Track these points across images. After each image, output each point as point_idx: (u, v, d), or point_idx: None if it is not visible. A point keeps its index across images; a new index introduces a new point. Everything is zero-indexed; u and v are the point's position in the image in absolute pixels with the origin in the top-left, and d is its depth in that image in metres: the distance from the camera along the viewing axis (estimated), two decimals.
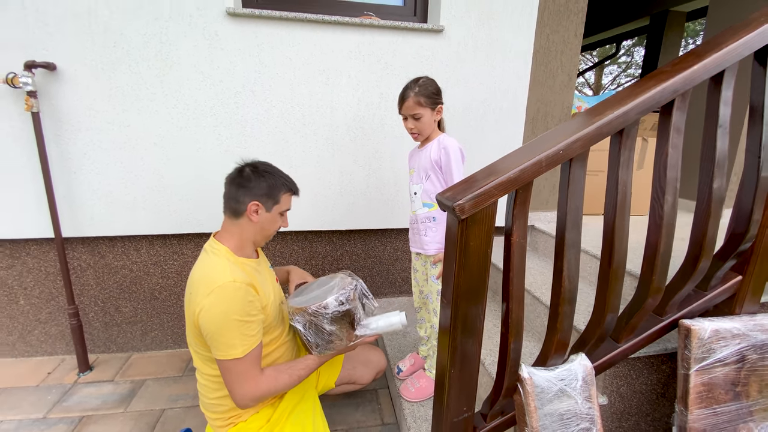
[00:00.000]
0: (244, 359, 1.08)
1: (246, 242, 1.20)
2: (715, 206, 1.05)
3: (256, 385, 1.11)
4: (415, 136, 1.43)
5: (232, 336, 1.06)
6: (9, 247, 1.83)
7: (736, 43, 0.96)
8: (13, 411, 1.63)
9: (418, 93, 1.34)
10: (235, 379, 1.09)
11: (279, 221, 1.24)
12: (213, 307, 1.05)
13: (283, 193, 1.21)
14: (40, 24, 1.59)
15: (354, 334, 1.27)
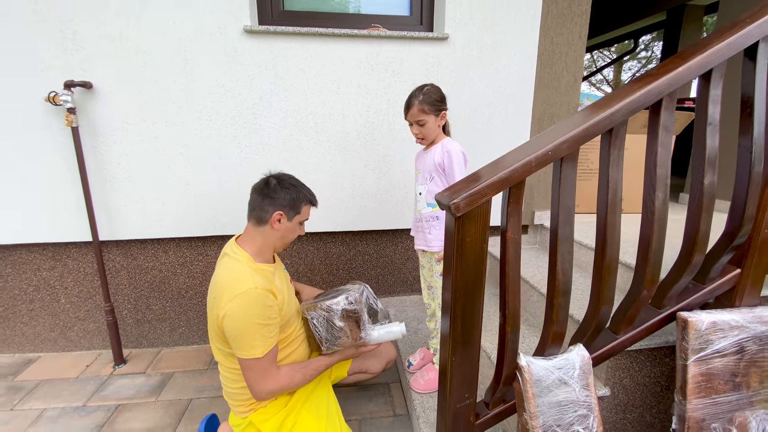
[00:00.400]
0: (263, 358, 1.18)
1: (266, 248, 1.30)
2: (707, 201, 1.09)
3: (274, 381, 1.22)
4: (420, 141, 1.51)
5: (253, 338, 1.16)
6: (52, 250, 2.00)
7: (722, 43, 1.00)
8: (56, 399, 1.79)
9: (422, 101, 1.42)
10: (255, 375, 1.19)
11: (298, 230, 1.34)
12: (236, 312, 1.15)
13: (304, 204, 1.31)
14: (77, 47, 1.76)
15: (359, 334, 1.37)
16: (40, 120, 1.78)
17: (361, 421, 1.65)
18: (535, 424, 1.06)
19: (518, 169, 0.95)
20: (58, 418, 1.68)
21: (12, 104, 1.76)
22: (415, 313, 2.19)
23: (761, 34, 1.02)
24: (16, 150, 1.80)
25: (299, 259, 2.19)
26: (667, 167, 1.05)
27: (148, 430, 1.61)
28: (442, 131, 1.53)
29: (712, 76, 1.04)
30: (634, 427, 1.43)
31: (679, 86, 1.00)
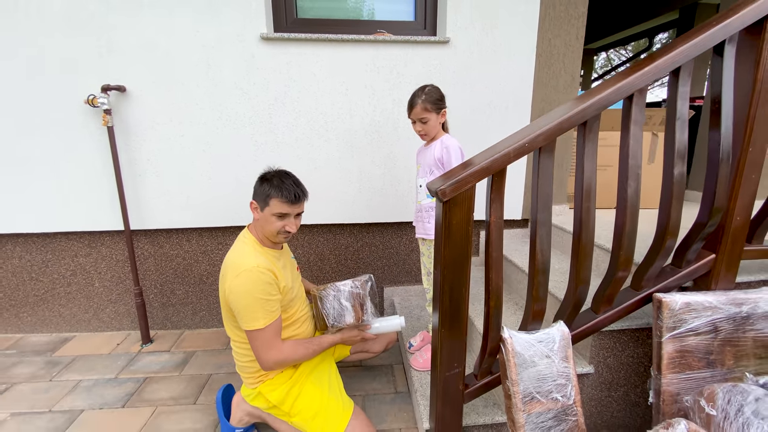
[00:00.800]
0: (266, 330, 1.32)
1: (262, 238, 1.43)
2: (677, 190, 1.19)
3: (277, 352, 1.35)
4: (422, 137, 1.64)
5: (255, 311, 1.30)
6: (88, 238, 2.21)
7: (688, 44, 1.10)
8: (91, 372, 1.98)
9: (425, 100, 1.54)
10: (260, 346, 1.33)
11: (275, 222, 1.36)
12: (239, 288, 1.29)
13: (272, 198, 1.34)
14: (113, 55, 1.95)
15: (362, 316, 1.52)
16: (80, 120, 1.98)
17: (365, 396, 1.78)
18: (517, 390, 1.17)
19: (498, 159, 1.08)
20: (93, 387, 1.87)
21: (56, 106, 1.97)
22: (418, 301, 2.31)
23: (726, 34, 1.12)
24: (58, 147, 2.01)
25: (310, 249, 2.34)
26: (638, 158, 1.15)
27: (172, 398, 1.78)
28: (441, 128, 1.66)
29: (680, 74, 1.13)
30: (619, 405, 1.52)
31: (648, 83, 1.11)
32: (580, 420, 1.22)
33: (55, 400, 1.78)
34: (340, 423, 1.40)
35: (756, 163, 1.21)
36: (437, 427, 1.32)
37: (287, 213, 1.36)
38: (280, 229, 1.38)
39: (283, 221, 1.37)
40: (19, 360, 2.09)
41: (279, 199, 1.34)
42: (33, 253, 2.21)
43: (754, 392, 1.14)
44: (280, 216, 1.36)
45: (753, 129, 1.19)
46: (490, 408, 1.47)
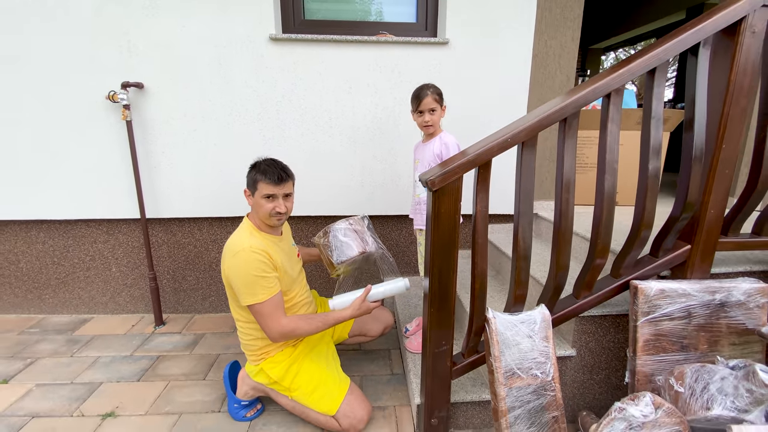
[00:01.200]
0: (266, 303, 1.43)
1: (261, 223, 1.53)
2: (651, 184, 1.27)
3: (279, 324, 1.45)
4: (429, 129, 1.70)
5: (254, 287, 1.42)
6: (106, 225, 2.36)
7: (661, 48, 1.18)
8: (108, 350, 2.13)
9: (433, 92, 1.65)
10: (263, 319, 1.44)
11: (265, 204, 1.46)
12: (236, 268, 1.42)
13: (259, 182, 1.45)
14: (132, 53, 2.09)
15: (365, 248, 1.64)
16: (101, 114, 2.12)
17: (363, 377, 1.89)
18: (499, 365, 1.27)
19: (482, 153, 1.18)
20: (110, 363, 2.01)
21: (80, 101, 2.11)
22: (415, 291, 2.42)
23: (700, 38, 1.20)
24: (81, 139, 2.16)
25: None
26: (615, 153, 1.24)
27: (183, 374, 1.91)
28: (439, 126, 1.75)
29: (656, 75, 1.22)
30: (600, 387, 1.61)
31: (623, 84, 1.20)
32: (557, 395, 1.31)
33: (76, 374, 1.92)
34: (337, 397, 1.51)
35: (729, 159, 1.29)
36: (427, 402, 1.43)
37: (274, 194, 1.46)
38: (271, 211, 1.47)
39: (272, 203, 1.47)
40: (42, 338, 2.24)
41: (264, 181, 1.45)
42: (55, 239, 2.37)
43: (720, 372, 1.22)
44: (268, 198, 1.46)
45: (726, 127, 1.26)
46: (478, 387, 1.57)
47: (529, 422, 1.30)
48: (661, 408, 1.13)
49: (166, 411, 1.67)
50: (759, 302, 1.35)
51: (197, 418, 1.63)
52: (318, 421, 1.52)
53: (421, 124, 1.70)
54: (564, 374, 1.56)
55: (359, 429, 1.52)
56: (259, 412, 1.65)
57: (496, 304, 1.83)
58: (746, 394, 1.15)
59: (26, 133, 2.14)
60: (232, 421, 1.61)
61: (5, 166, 2.18)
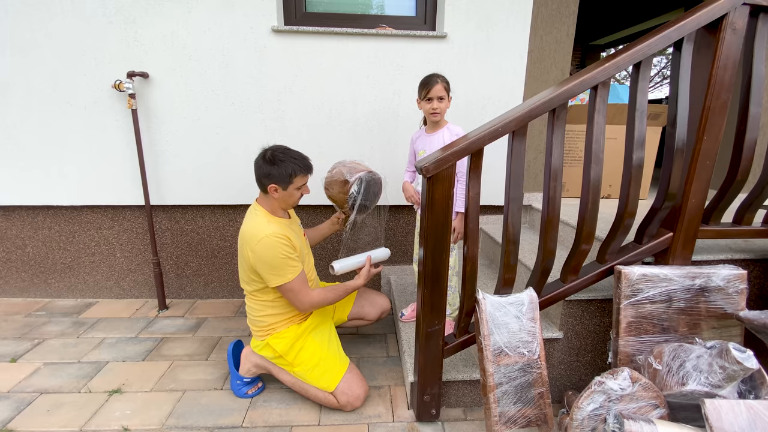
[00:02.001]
0: (295, 281, 1.52)
1: (275, 209, 1.61)
2: (635, 174, 1.34)
3: (309, 296, 1.56)
4: (436, 116, 1.71)
5: (282, 268, 1.50)
6: (111, 212, 2.42)
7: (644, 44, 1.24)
8: (114, 332, 2.20)
9: (443, 80, 1.68)
10: (294, 295, 1.54)
11: (297, 194, 1.58)
12: (263, 253, 1.48)
13: (295, 176, 1.51)
14: (137, 44, 2.14)
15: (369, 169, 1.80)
16: (107, 103, 2.18)
17: (360, 359, 1.97)
18: (488, 343, 1.34)
19: (475, 141, 1.24)
20: (116, 344, 2.08)
21: (86, 89, 2.17)
22: (412, 279, 2.49)
23: (682, 33, 1.26)
24: (87, 127, 2.21)
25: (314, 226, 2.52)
26: (601, 143, 1.31)
27: (187, 355, 1.99)
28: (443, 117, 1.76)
29: (641, 69, 1.28)
30: (586, 369, 1.68)
31: (610, 76, 1.26)
32: (543, 373, 1.39)
33: (82, 353, 1.99)
34: (336, 375, 1.58)
35: (710, 151, 1.36)
36: (420, 379, 1.50)
37: (305, 183, 1.60)
38: (298, 198, 1.61)
39: (301, 190, 1.59)
40: (48, 320, 2.31)
41: (301, 174, 1.54)
42: (61, 225, 2.43)
43: (696, 351, 1.30)
44: (299, 187, 1.57)
45: (708, 119, 1.33)
46: (470, 367, 1.64)
47: (516, 397, 1.37)
48: (638, 382, 1.21)
49: (171, 388, 1.75)
50: (738, 288, 1.42)
51: (200, 394, 1.71)
52: (317, 397, 1.60)
53: (429, 111, 1.69)
54: (551, 356, 1.64)
55: (356, 406, 1.60)
56: (260, 390, 1.72)
57: (489, 290, 1.89)
58: (720, 371, 1.22)
59: (34, 120, 2.20)
60: (234, 398, 1.68)
61: (13, 151, 2.24)
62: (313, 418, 1.58)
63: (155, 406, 1.64)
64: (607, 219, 1.73)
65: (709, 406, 1.08)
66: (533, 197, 2.47)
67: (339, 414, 1.60)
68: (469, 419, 1.59)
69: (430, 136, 1.78)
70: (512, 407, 1.38)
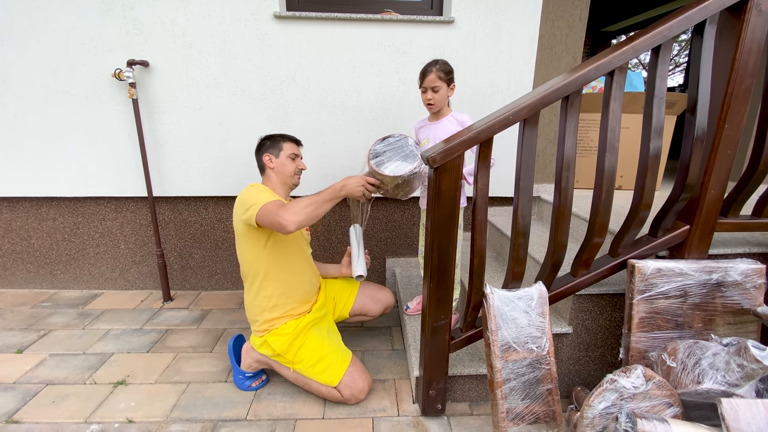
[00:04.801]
0: (270, 203, 1.43)
1: (276, 185, 1.64)
2: (652, 163, 1.28)
3: (284, 209, 1.40)
4: (431, 107, 1.66)
5: (260, 197, 1.46)
6: (114, 203, 2.40)
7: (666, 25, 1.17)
8: (119, 323, 2.20)
9: (438, 69, 1.59)
10: (273, 214, 1.40)
11: (289, 164, 1.64)
12: (247, 190, 1.54)
13: (282, 141, 1.64)
14: (137, 31, 2.09)
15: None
16: (108, 92, 2.14)
17: (364, 352, 1.95)
18: (495, 339, 1.31)
19: (484, 130, 1.19)
20: (121, 335, 2.08)
21: (86, 79, 2.13)
22: (417, 272, 2.46)
23: (705, 15, 1.18)
24: (88, 117, 2.18)
25: (317, 220, 2.49)
26: (616, 132, 1.25)
27: (191, 347, 1.98)
28: (448, 105, 1.71)
29: (660, 53, 1.21)
30: (596, 365, 1.65)
31: (626, 61, 1.19)
32: (552, 369, 1.35)
33: (88, 345, 1.99)
34: (339, 370, 1.56)
35: (731, 139, 1.29)
36: (426, 374, 1.47)
37: (297, 154, 1.67)
38: (294, 170, 1.66)
39: (294, 162, 1.66)
40: (54, 311, 2.32)
41: (289, 142, 1.67)
42: (65, 216, 2.42)
43: (713, 348, 1.25)
44: (292, 157, 1.65)
45: (730, 106, 1.26)
46: (476, 362, 1.61)
47: (524, 394, 1.34)
48: (652, 380, 1.17)
49: (175, 380, 1.74)
50: (756, 282, 1.37)
51: (204, 387, 1.70)
52: (320, 392, 1.58)
53: (425, 102, 1.65)
54: (560, 351, 1.60)
55: (360, 399, 1.58)
56: (263, 383, 1.71)
57: (496, 284, 1.86)
58: (737, 369, 1.17)
59: (35, 111, 2.17)
60: (237, 391, 1.67)
61: (15, 143, 2.22)
62: (318, 411, 1.57)
63: (160, 398, 1.63)
64: (618, 211, 1.68)
65: (725, 406, 1.04)
66: (542, 188, 2.41)
67: (343, 407, 1.58)
68: (475, 414, 1.57)
69: (433, 124, 1.71)
70: (520, 403, 1.35)
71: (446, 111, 1.69)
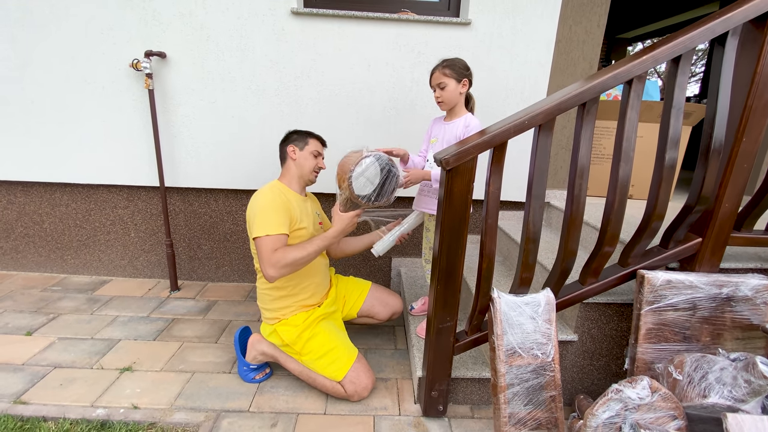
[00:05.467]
0: (266, 242, 1.44)
1: (293, 178, 1.67)
2: (667, 174, 1.27)
3: (271, 260, 1.42)
4: (441, 105, 1.65)
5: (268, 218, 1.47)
6: (126, 192, 2.43)
7: (686, 36, 1.16)
8: (126, 310, 2.23)
9: (444, 66, 1.57)
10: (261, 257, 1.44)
11: (313, 160, 1.67)
12: (256, 198, 1.55)
13: (309, 138, 1.69)
14: (155, 23, 2.11)
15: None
16: (125, 82, 2.17)
17: (367, 350, 1.96)
18: (501, 343, 1.31)
19: (499, 134, 1.19)
20: (128, 322, 2.11)
21: (105, 68, 2.16)
22: (423, 272, 2.45)
23: (727, 27, 1.17)
24: (105, 106, 2.21)
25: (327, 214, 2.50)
26: (632, 141, 1.24)
27: (197, 337, 2.00)
28: (464, 106, 1.66)
29: (680, 64, 1.20)
30: (600, 374, 1.64)
31: (645, 70, 1.18)
32: (556, 376, 1.35)
33: (96, 330, 2.02)
34: (345, 365, 1.57)
35: (749, 153, 1.28)
36: (429, 375, 1.48)
37: (320, 152, 1.72)
38: (314, 167, 1.69)
39: (316, 160, 1.69)
40: (63, 295, 2.35)
41: (315, 139, 1.71)
42: (78, 202, 2.45)
43: (720, 362, 1.24)
44: (315, 154, 1.68)
45: (748, 119, 1.24)
46: (479, 365, 1.61)
47: (527, 399, 1.34)
48: (658, 392, 1.16)
49: (180, 369, 1.76)
50: (766, 299, 1.35)
51: (209, 377, 1.72)
52: (324, 386, 1.59)
53: (435, 100, 1.63)
54: (564, 358, 1.60)
55: (363, 396, 1.59)
56: (267, 376, 1.72)
57: (502, 288, 1.85)
58: (744, 385, 1.17)
59: (53, 97, 2.21)
60: (241, 382, 1.69)
61: (32, 128, 2.26)
62: (320, 406, 1.58)
63: (164, 386, 1.65)
64: (629, 220, 1.66)
65: (731, 421, 1.03)
66: (552, 194, 2.40)
67: (345, 404, 1.59)
68: (477, 417, 1.57)
69: (446, 124, 1.68)
70: (522, 409, 1.35)
71: (460, 112, 1.65)
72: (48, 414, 1.48)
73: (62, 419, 1.46)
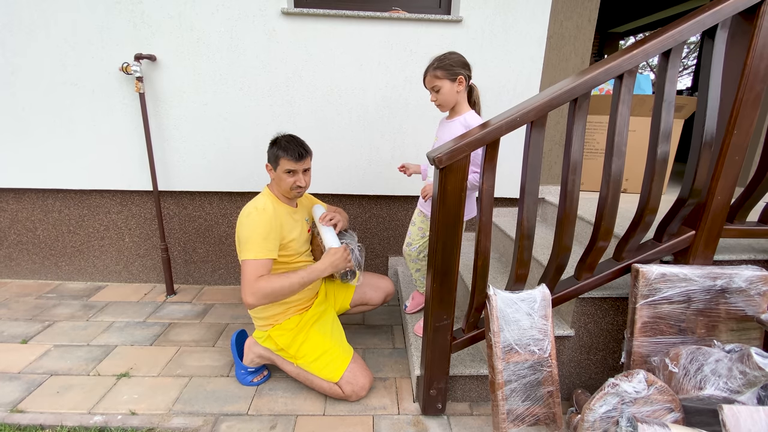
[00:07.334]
0: (250, 262, 1.43)
1: (278, 193, 1.62)
2: (659, 168, 1.27)
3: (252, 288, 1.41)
4: (440, 108, 1.61)
5: (254, 242, 1.46)
6: (120, 197, 2.41)
7: (677, 29, 1.17)
8: (122, 316, 2.21)
9: (435, 68, 1.49)
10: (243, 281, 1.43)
11: (287, 179, 1.54)
12: (243, 220, 1.51)
13: (280, 158, 1.52)
14: (144, 25, 2.09)
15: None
16: (115, 86, 2.15)
17: (365, 349, 1.96)
18: (497, 340, 1.31)
19: (491, 131, 1.19)
20: (124, 328, 2.10)
21: (94, 72, 2.14)
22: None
23: (717, 19, 1.17)
24: (95, 111, 2.19)
25: None
26: (624, 135, 1.24)
27: (194, 341, 1.99)
28: (467, 103, 1.61)
29: (671, 57, 1.20)
30: (597, 368, 1.65)
31: (636, 65, 1.18)
32: (554, 372, 1.36)
33: (92, 336, 2.01)
34: (340, 365, 1.57)
35: (740, 145, 1.28)
36: (427, 373, 1.48)
37: (294, 169, 1.55)
38: (292, 185, 1.56)
39: (293, 177, 1.56)
40: (58, 302, 2.34)
41: (285, 157, 1.53)
42: (71, 208, 2.43)
43: (716, 354, 1.25)
44: (289, 172, 1.55)
45: (739, 112, 1.25)
46: (477, 362, 1.61)
47: (525, 395, 1.35)
48: (654, 385, 1.17)
49: (178, 374, 1.75)
50: (760, 290, 1.36)
51: (207, 381, 1.71)
52: (322, 388, 1.59)
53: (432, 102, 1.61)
54: (561, 353, 1.60)
55: (361, 396, 1.59)
56: (265, 378, 1.72)
57: (499, 285, 1.85)
58: (740, 376, 1.17)
59: (43, 102, 2.18)
60: (239, 386, 1.69)
61: (23, 134, 2.23)
62: (318, 407, 1.58)
63: (162, 391, 1.64)
64: (623, 214, 1.67)
65: (727, 412, 1.04)
66: (546, 190, 2.40)
67: (344, 404, 1.59)
68: (475, 414, 1.57)
69: (447, 123, 1.64)
70: (520, 405, 1.36)
71: (462, 110, 1.60)
72: (45, 422, 1.48)
73: (60, 427, 1.45)
